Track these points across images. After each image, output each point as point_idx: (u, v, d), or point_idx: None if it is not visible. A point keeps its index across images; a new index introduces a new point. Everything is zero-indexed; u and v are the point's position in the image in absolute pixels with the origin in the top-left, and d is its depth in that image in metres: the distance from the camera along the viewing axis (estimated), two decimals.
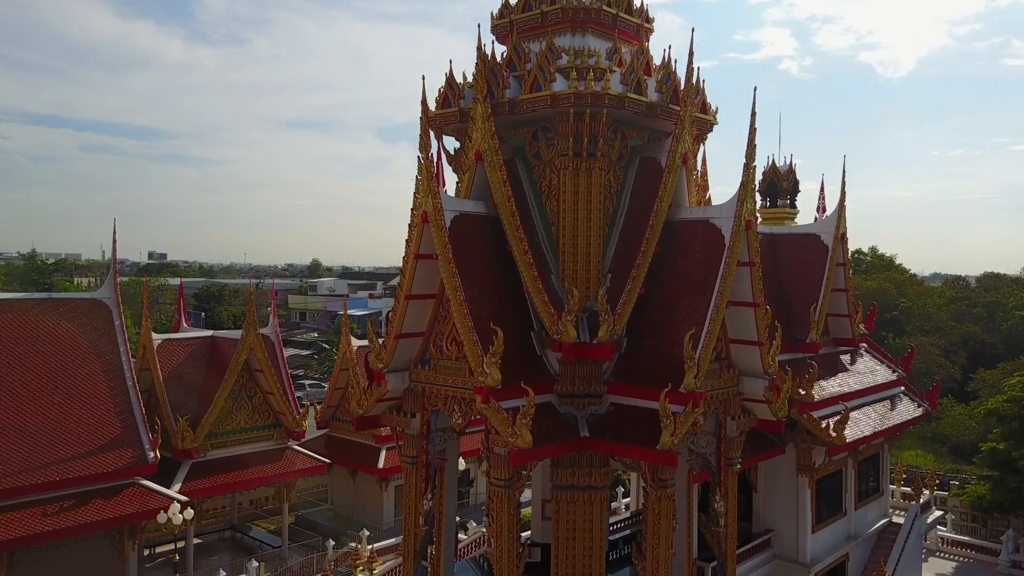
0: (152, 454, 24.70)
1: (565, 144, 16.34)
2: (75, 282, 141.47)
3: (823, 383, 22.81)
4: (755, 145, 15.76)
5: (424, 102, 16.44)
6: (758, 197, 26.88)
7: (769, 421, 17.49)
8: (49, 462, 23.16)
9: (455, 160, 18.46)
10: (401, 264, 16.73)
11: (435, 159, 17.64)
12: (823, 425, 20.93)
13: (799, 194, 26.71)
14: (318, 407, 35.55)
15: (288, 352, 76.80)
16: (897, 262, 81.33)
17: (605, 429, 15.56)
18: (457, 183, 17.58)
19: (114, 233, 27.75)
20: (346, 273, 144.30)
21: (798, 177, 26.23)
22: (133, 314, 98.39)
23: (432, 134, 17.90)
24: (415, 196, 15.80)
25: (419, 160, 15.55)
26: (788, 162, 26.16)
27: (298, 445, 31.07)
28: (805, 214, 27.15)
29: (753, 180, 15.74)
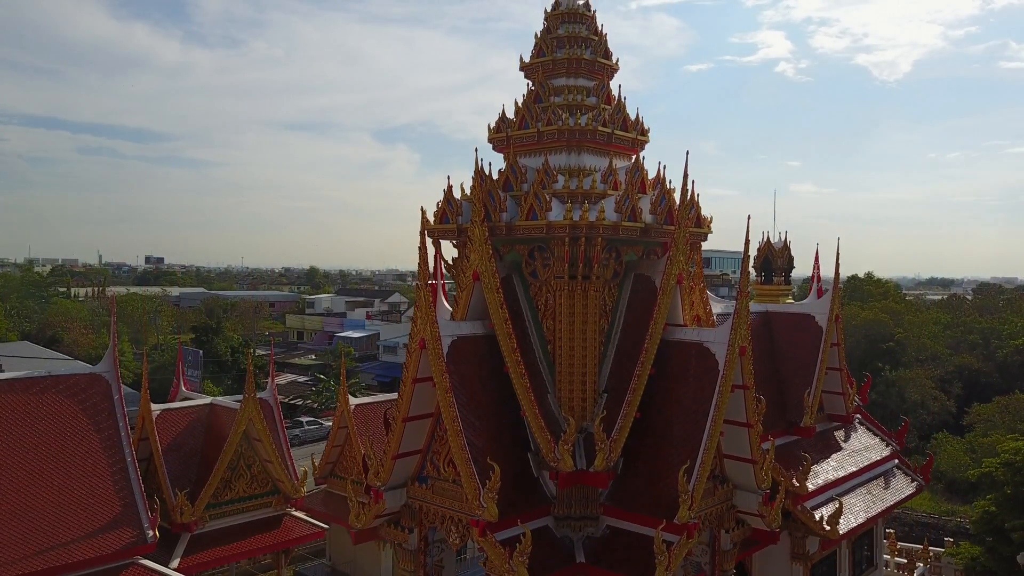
0: (151, 533, 24.74)
1: (561, 267, 16.56)
2: (72, 293, 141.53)
3: (817, 468, 22.99)
4: (749, 272, 15.96)
5: (423, 232, 16.65)
6: (752, 272, 27.26)
7: (763, 531, 17.74)
8: (49, 547, 23.21)
9: (452, 268, 18.67)
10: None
11: (433, 260, 17.92)
12: (817, 518, 21.12)
13: (793, 270, 26.91)
14: (315, 461, 35.68)
15: (286, 379, 77.40)
16: (892, 281, 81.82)
17: (601, 555, 15.78)
18: (455, 297, 17.78)
19: (113, 313, 27.94)
20: (343, 289, 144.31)
21: (792, 254, 26.44)
22: (130, 331, 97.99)
23: (430, 240, 18.20)
24: (413, 324, 15.97)
25: (416, 288, 15.73)
26: (783, 239, 26.36)
27: (296, 503, 31.19)
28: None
29: (747, 308, 15.95)
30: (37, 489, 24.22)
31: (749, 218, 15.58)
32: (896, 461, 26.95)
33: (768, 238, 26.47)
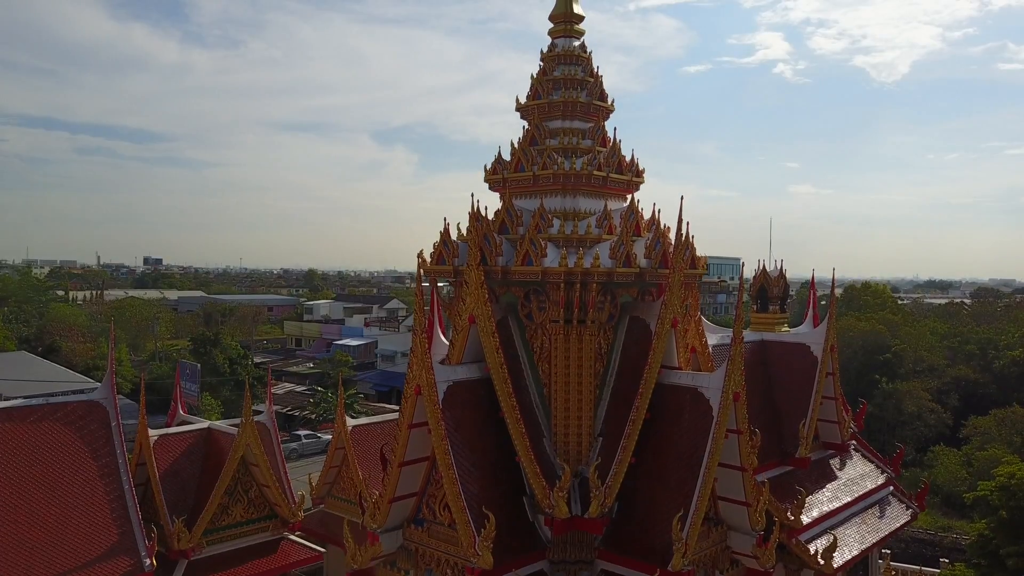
0: (149, 561, 24.84)
1: (556, 311, 16.65)
2: (70, 297, 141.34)
3: (812, 499, 23.06)
4: (743, 321, 16.04)
5: (419, 278, 16.72)
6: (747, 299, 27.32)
7: (757, 572, 17.83)
8: None
9: (449, 307, 18.75)
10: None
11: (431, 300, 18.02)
12: (812, 551, 21.20)
13: (789, 299, 26.98)
14: (312, 480, 35.76)
15: (284, 388, 77.40)
16: (889, 285, 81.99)
17: None
18: (451, 340, 17.86)
19: (111, 343, 28.01)
20: (341, 295, 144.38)
21: (787, 282, 26.51)
22: (129, 337, 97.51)
23: (427, 279, 18.29)
24: (409, 369, 16.04)
25: (413, 335, 15.81)
26: (778, 267, 26.41)
27: (293, 526, 31.24)
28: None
29: (741, 357, 16.03)
30: (35, 518, 24.29)
31: (743, 265, 15.69)
32: (891, 488, 27.04)
33: (764, 266, 26.52)
